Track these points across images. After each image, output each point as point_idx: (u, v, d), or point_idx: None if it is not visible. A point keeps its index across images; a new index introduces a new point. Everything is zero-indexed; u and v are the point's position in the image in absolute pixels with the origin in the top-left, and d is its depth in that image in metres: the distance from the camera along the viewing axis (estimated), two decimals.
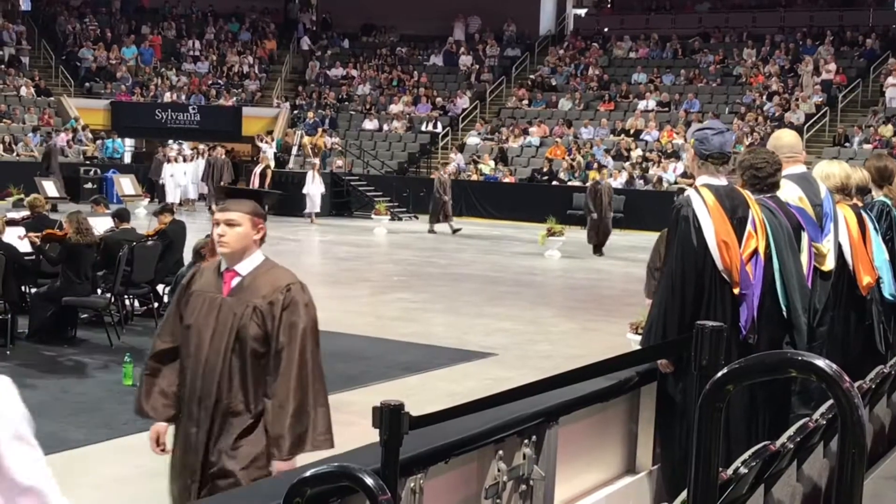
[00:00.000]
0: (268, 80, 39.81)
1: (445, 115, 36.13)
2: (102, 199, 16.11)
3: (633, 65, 36.67)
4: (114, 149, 33.48)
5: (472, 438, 3.79)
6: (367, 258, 21.12)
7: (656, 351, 4.85)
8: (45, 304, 11.46)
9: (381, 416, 3.01)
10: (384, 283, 17.42)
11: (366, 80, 38.89)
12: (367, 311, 14.50)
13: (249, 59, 40.45)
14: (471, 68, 38.39)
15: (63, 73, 37.14)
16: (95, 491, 6.89)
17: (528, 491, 4.13)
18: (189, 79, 38.60)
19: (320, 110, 37.05)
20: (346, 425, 8.63)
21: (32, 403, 8.19)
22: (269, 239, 4.72)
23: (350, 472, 2.25)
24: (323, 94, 38.29)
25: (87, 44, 38.96)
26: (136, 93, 37.30)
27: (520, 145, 33.65)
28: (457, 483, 3.84)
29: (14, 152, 31.49)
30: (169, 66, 39.32)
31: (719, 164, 5.07)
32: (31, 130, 32.92)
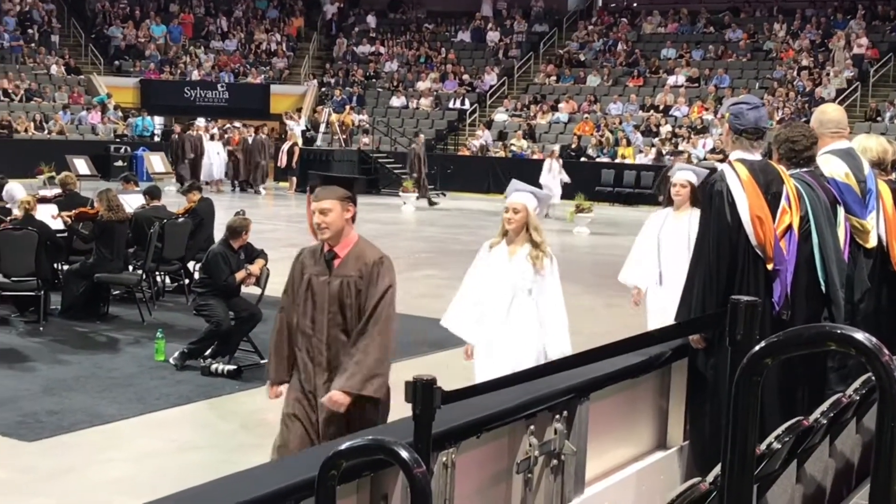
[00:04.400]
0: (295, 57, 39.80)
1: (473, 92, 36.01)
2: (132, 176, 16.17)
3: (663, 40, 36.39)
4: (143, 126, 33.59)
5: (504, 413, 3.80)
6: (395, 235, 21.11)
7: (688, 326, 4.82)
8: (78, 281, 11.54)
9: (414, 390, 3.02)
10: (411, 259, 17.42)
11: (393, 57, 38.81)
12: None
13: (277, 36, 40.46)
14: (498, 44, 38.22)
15: (93, 52, 37.28)
16: (128, 464, 6.95)
17: (560, 466, 4.13)
18: (217, 56, 38.66)
19: (348, 88, 37.03)
20: None
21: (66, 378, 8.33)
22: (295, 216, 4.83)
23: (385, 445, 2.25)
24: (350, 72, 38.26)
25: (116, 22, 39.07)
26: (165, 71, 37.39)
27: (548, 122, 33.52)
28: (488, 457, 3.85)
29: (45, 130, 31.67)
30: (197, 43, 39.39)
31: (754, 139, 5.02)
32: (60, 109, 33.08)
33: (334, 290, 5.02)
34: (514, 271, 6.24)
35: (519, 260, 6.26)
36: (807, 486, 3.57)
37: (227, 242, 9.91)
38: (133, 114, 34.20)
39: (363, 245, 5.14)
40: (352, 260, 5.05)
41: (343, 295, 5.01)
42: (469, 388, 3.34)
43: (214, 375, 9.30)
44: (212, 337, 9.60)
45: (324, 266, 5.09)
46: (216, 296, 9.69)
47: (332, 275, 5.04)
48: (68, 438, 7.56)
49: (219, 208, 14.07)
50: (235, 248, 9.93)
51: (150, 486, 6.23)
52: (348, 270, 5.03)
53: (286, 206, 26.21)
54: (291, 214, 23.68)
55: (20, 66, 34.56)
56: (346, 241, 5.09)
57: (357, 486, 3.18)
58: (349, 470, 2.59)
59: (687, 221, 7.80)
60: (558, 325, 6.27)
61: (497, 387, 3.46)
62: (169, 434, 7.84)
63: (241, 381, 9.27)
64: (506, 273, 6.26)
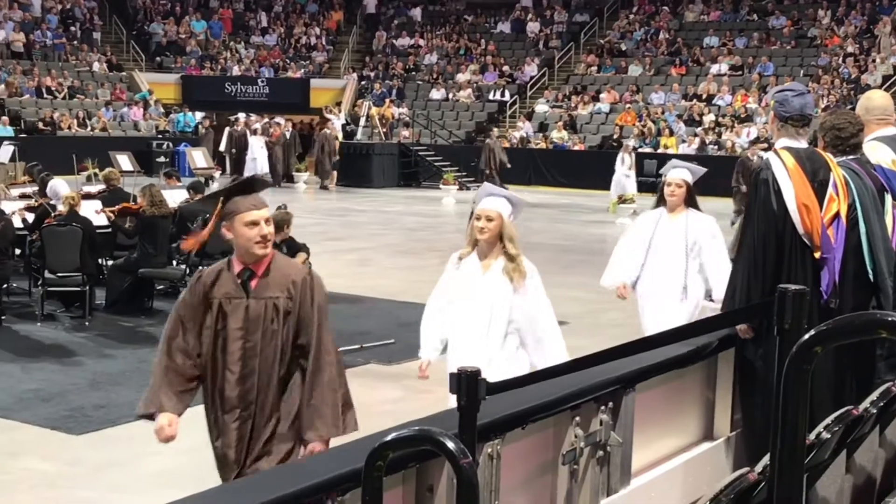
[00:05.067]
0: (335, 51, 39.90)
1: (513, 83, 35.92)
2: (174, 171, 16.32)
3: (705, 28, 36.09)
4: (185, 122, 33.83)
5: (549, 405, 3.78)
6: (436, 228, 21.13)
7: (735, 316, 4.78)
8: (122, 276, 11.65)
9: (459, 382, 3.01)
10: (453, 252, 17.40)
11: (433, 50, 38.80)
12: (437, 280, 14.50)
13: (316, 30, 40.58)
14: (539, 35, 38.09)
15: (134, 48, 37.58)
16: (174, 457, 6.98)
17: (606, 457, 4.11)
18: (257, 51, 38.85)
19: (387, 81, 37.07)
20: (420, 392, 8.67)
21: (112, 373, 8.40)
22: (337, 210, 4.78)
23: (432, 435, 2.24)
24: (390, 65, 38.30)
25: (157, 18, 39.37)
26: (206, 66, 37.63)
27: (589, 112, 33.37)
28: (534, 449, 3.84)
29: (88, 127, 31.98)
30: (238, 39, 39.60)
31: (799, 126, 4.96)
32: (103, 105, 33.40)
33: (256, 313, 4.36)
34: (491, 290, 5.46)
35: (495, 277, 5.48)
36: (856, 476, 3.53)
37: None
38: (175, 110, 34.45)
39: (282, 260, 4.55)
40: (274, 278, 4.41)
41: (267, 319, 4.36)
42: (514, 380, 3.33)
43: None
44: None
45: (237, 287, 4.40)
46: None
47: (251, 297, 4.38)
48: (114, 432, 7.63)
49: None
50: (277, 242, 9.97)
51: (196, 478, 6.25)
52: (271, 291, 4.38)
53: (327, 200, 26.29)
54: (332, 208, 23.75)
55: (63, 64, 34.92)
56: (264, 258, 4.43)
57: (403, 478, 3.18)
58: (395, 461, 2.59)
59: (683, 224, 7.41)
60: (554, 345, 5.53)
61: (543, 377, 3.44)
62: None
63: None
64: (481, 292, 5.47)
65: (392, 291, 13.32)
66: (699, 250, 7.37)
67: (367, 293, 13.14)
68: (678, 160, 8.19)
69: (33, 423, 7.86)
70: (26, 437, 7.61)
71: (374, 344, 10.33)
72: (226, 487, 2.98)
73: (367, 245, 17.93)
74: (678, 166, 7.70)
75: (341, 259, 15.74)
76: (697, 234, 7.39)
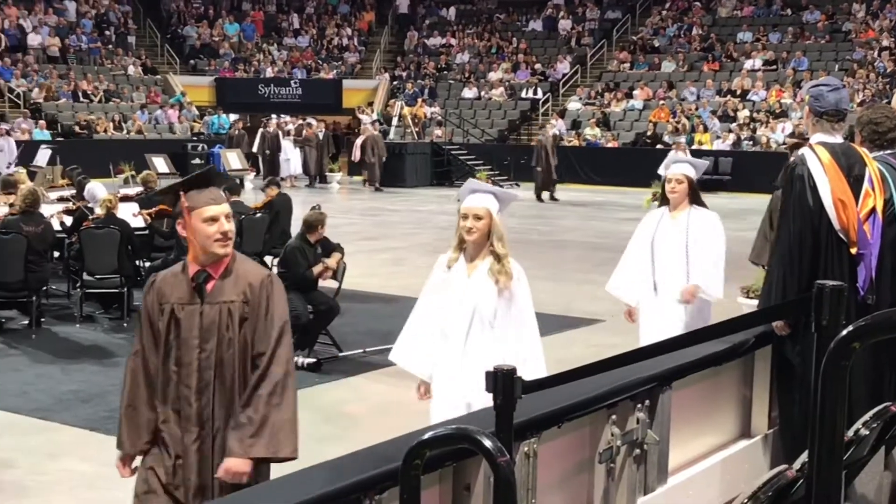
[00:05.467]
0: (367, 52, 40.00)
1: (545, 81, 35.85)
2: None
3: (738, 23, 35.86)
4: (219, 124, 34.03)
5: (585, 403, 3.78)
6: None
7: (772, 313, 4.75)
8: None
9: (495, 380, 3.01)
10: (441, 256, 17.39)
11: (464, 49, 38.80)
12: None
13: (348, 31, 40.71)
14: (571, 32, 38.00)
15: (168, 52, 37.86)
16: None
17: (642, 455, 4.10)
18: (290, 53, 39.02)
19: (419, 80, 37.12)
20: None
21: None
22: (370, 210, 4.69)
23: (469, 434, 2.25)
24: (422, 64, 38.34)
25: (190, 21, 39.63)
26: (239, 68, 37.84)
27: (622, 109, 33.25)
28: (570, 447, 3.84)
29: (123, 130, 32.25)
30: (270, 41, 39.79)
31: (835, 121, 4.93)
32: (138, 109, 33.67)
33: (210, 320, 3.97)
34: (475, 293, 5.06)
35: (480, 278, 5.07)
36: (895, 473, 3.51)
37: (303, 236, 10.00)
38: (209, 112, 34.67)
39: (241, 261, 4.13)
40: (231, 280, 4.02)
41: (222, 326, 3.97)
42: (550, 378, 3.33)
43: (294, 368, 9.38)
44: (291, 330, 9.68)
45: (191, 292, 4.02)
46: (294, 290, 9.77)
47: (206, 301, 4.00)
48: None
49: (295, 203, 14.22)
50: (312, 242, 10.02)
51: None
52: (227, 294, 4.00)
53: (361, 200, 26.36)
54: (366, 208, 23.81)
55: (98, 68, 35.24)
56: (222, 259, 4.05)
57: (440, 476, 3.19)
58: (432, 460, 2.60)
59: (684, 223, 6.94)
60: (533, 357, 5.11)
61: (578, 376, 3.44)
62: None
63: (320, 373, 9.36)
64: (465, 296, 5.07)
65: None
66: (700, 250, 6.91)
67: (400, 292, 13.14)
68: (679, 154, 7.78)
69: (73, 424, 7.94)
70: (66, 439, 7.69)
71: None
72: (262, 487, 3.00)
73: (401, 244, 17.97)
74: (679, 161, 7.31)
75: (375, 259, 15.79)
76: (699, 232, 6.92)
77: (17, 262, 10.66)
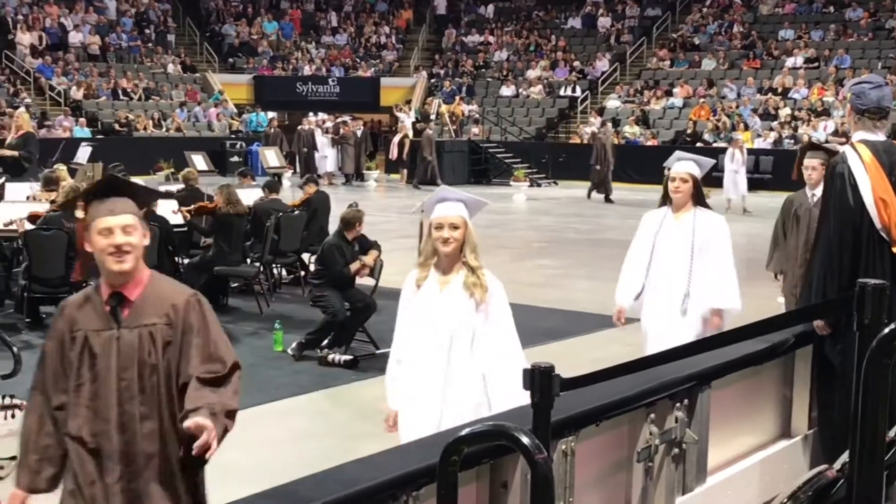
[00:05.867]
0: (405, 49, 40.06)
1: (584, 79, 35.72)
2: (249, 171, 16.54)
3: (780, 21, 35.54)
4: (257, 122, 34.20)
5: (624, 402, 3.76)
6: (507, 225, 21.10)
7: (812, 312, 4.71)
8: (198, 274, 11.81)
9: (532, 378, 3.00)
10: (524, 249, 17.39)
11: (503, 46, 38.75)
12: (508, 277, 14.36)
13: (386, 29, 40.78)
14: (610, 30, 37.85)
15: (207, 50, 38.09)
16: (249, 452, 7.09)
17: (681, 454, 4.08)
18: (328, 51, 39.15)
19: (457, 78, 37.11)
20: None
21: None
22: (408, 207, 4.60)
23: (507, 430, 2.25)
24: (460, 62, 38.33)
25: (229, 20, 39.85)
26: (278, 66, 38.00)
27: (662, 107, 33.06)
28: (608, 446, 3.82)
29: (163, 128, 32.49)
30: (308, 39, 39.94)
31: (877, 118, 4.87)
32: (178, 106, 33.91)
33: (129, 346, 3.53)
34: (451, 311, 4.65)
35: (455, 294, 4.67)
36: None
37: (341, 234, 10.03)
38: (247, 110, 34.85)
39: (161, 281, 3.69)
40: (150, 302, 3.59)
41: (144, 352, 3.54)
42: (588, 376, 3.31)
43: (331, 365, 9.43)
44: (328, 327, 9.73)
45: (106, 317, 3.57)
46: (332, 287, 9.81)
47: (123, 326, 3.55)
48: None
49: (332, 201, 14.26)
50: (350, 240, 10.04)
51: (271, 473, 6.33)
52: (147, 317, 3.56)
53: (398, 198, 26.39)
54: (403, 206, 23.84)
55: (138, 66, 35.51)
56: (139, 279, 3.60)
57: (477, 474, 3.18)
58: (469, 457, 2.59)
59: (690, 224, 6.47)
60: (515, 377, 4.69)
61: (617, 374, 3.43)
62: (288, 423, 7.98)
63: (357, 370, 9.38)
64: (441, 315, 4.67)
65: None
66: (706, 254, 6.43)
67: None
68: (682, 151, 7.03)
69: None
70: None
71: None
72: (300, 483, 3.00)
73: None
74: (683, 158, 6.77)
75: (412, 257, 15.74)
76: (706, 235, 6.45)
77: (58, 259, 10.76)
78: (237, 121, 34.17)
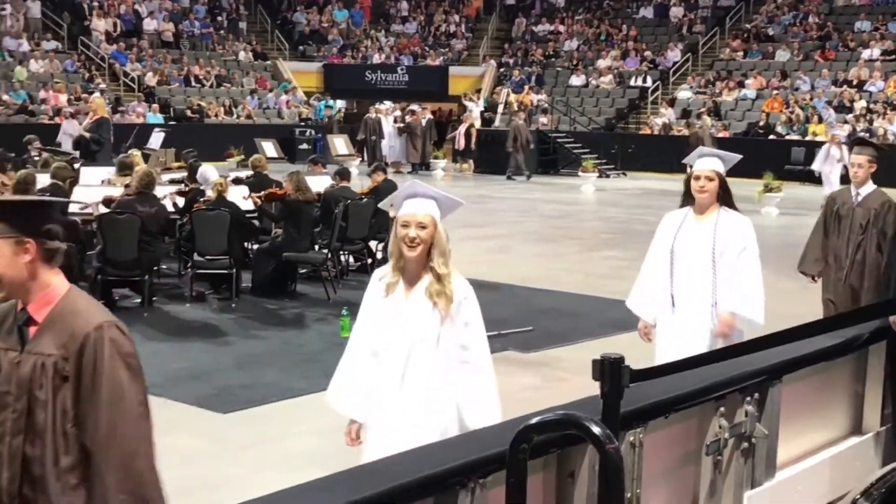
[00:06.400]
0: (474, 38, 40.01)
1: (655, 69, 35.39)
2: (320, 158, 16.66)
3: (857, 12, 34.86)
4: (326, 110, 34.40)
5: (693, 394, 3.73)
6: (575, 216, 21.02)
7: (887, 308, 4.63)
8: (267, 260, 11.94)
9: (602, 368, 2.98)
10: (593, 240, 17.30)
11: (573, 36, 38.53)
12: (576, 268, 14.45)
13: (456, 18, 40.77)
14: (682, 20, 37.44)
15: (278, 38, 38.39)
16: (318, 437, 7.15)
17: (750, 449, 4.04)
18: (397, 39, 39.25)
19: (526, 67, 36.98)
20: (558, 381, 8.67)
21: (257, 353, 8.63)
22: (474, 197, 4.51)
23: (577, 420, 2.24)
24: (529, 51, 38.20)
25: (300, 8, 40.13)
26: (347, 55, 38.18)
27: (734, 98, 32.64)
28: (677, 438, 3.79)
29: (233, 115, 32.83)
30: (378, 27, 40.07)
31: None
32: (248, 94, 34.23)
33: (25, 374, 3.00)
34: (413, 320, 4.26)
35: (418, 302, 4.27)
36: None
37: None
38: (317, 98, 35.08)
39: (75, 302, 3.07)
40: (54, 327, 3.02)
41: (35, 384, 2.98)
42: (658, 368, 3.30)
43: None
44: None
45: (16, 336, 3.07)
46: None
47: (25, 350, 3.03)
48: (260, 411, 7.84)
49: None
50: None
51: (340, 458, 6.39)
52: (45, 345, 3.00)
53: (464, 188, 26.38)
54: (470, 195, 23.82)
55: (210, 53, 35.91)
56: (44, 298, 3.04)
57: (544, 463, 3.18)
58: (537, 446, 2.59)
59: (712, 227, 5.90)
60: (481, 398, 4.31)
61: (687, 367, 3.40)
62: None
63: None
64: (402, 323, 4.28)
65: (530, 279, 13.31)
66: (730, 259, 5.88)
67: (505, 280, 13.16)
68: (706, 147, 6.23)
69: (183, 400, 8.13)
70: (176, 415, 7.87)
71: (513, 331, 10.34)
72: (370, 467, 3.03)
73: (506, 232, 17.95)
74: (707, 154, 6.12)
75: (480, 246, 15.80)
76: (728, 238, 5.89)
77: (131, 242, 10.94)
78: (307, 108, 34.41)
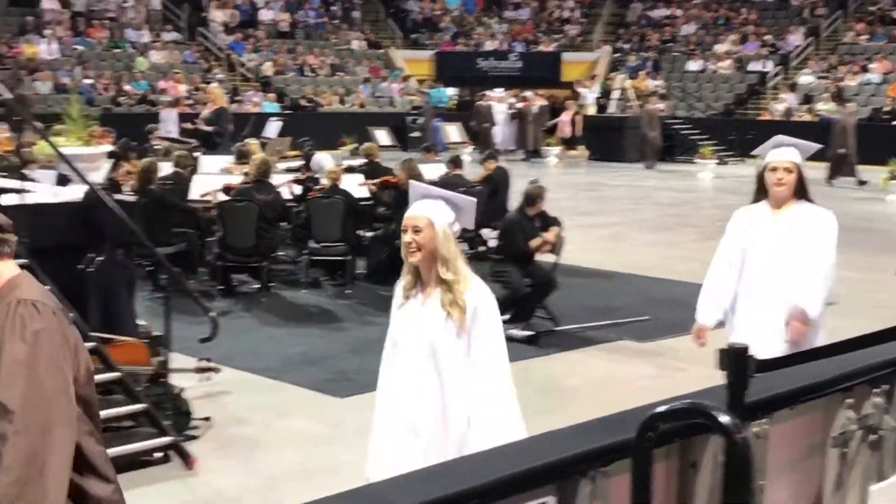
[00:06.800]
0: (588, 23, 39.66)
1: (776, 54, 34.59)
2: (433, 146, 16.74)
3: None
4: (438, 98, 34.51)
5: (820, 385, 3.62)
6: (692, 203, 20.70)
7: None
8: (381, 247, 12.05)
9: (727, 358, 2.93)
10: (710, 228, 16.96)
11: (690, 20, 37.91)
12: (692, 256, 14.19)
13: (570, 3, 40.46)
14: (804, 3, 36.50)
15: (391, 26, 38.63)
16: None
17: (878, 441, 3.91)
18: (511, 26, 39.13)
19: (642, 53, 36.53)
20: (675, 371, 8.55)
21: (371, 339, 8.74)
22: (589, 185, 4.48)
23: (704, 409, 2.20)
24: (645, 36, 37.72)
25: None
26: (459, 42, 38.23)
27: (858, 83, 31.70)
28: (803, 430, 3.69)
29: (347, 103, 33.18)
30: (491, 14, 40.01)
31: None
32: (361, 82, 34.55)
33: None
34: (427, 332, 3.97)
35: (432, 312, 3.98)
36: None
37: (522, 210, 10.03)
38: (430, 85, 35.21)
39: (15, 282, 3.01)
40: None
41: None
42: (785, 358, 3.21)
43: (511, 341, 9.42)
44: (508, 303, 9.75)
45: None
46: (513, 262, 9.83)
47: None
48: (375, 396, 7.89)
49: (512, 177, 14.28)
50: (531, 216, 10.03)
51: None
52: None
53: (576, 175, 26.20)
54: (583, 183, 23.66)
55: (324, 43, 36.34)
56: None
57: (667, 452, 3.13)
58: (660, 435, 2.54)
59: (790, 223, 5.51)
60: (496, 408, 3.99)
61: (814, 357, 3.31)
62: None
63: (536, 346, 9.38)
64: (416, 333, 4.01)
65: (645, 267, 13.16)
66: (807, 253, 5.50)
67: (619, 269, 13.04)
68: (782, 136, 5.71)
69: (299, 384, 8.26)
70: (293, 399, 8.01)
71: (628, 320, 10.24)
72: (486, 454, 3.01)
73: (619, 220, 17.78)
74: (782, 144, 5.62)
75: (593, 234, 15.68)
76: (808, 233, 5.49)
77: (249, 229, 11.16)
78: (419, 97, 34.59)
